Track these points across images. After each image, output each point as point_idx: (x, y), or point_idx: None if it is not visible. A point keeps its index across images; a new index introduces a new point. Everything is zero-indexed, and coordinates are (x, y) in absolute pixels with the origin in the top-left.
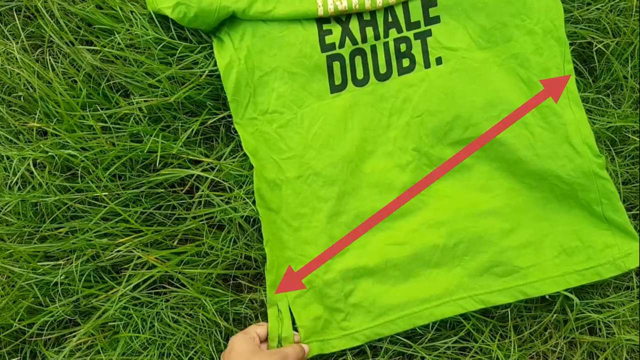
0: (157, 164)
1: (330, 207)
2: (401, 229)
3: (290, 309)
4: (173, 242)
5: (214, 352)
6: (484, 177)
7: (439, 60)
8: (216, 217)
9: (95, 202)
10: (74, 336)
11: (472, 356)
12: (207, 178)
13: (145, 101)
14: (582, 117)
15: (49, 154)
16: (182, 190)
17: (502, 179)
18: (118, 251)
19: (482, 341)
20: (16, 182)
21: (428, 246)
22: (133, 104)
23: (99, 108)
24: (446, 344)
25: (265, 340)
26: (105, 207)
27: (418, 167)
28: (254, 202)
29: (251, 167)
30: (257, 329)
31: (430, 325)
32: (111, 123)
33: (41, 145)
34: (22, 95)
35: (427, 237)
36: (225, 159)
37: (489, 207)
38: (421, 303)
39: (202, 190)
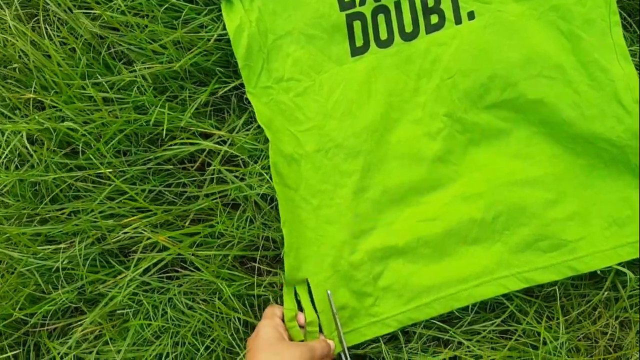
0: (164, 138)
1: (354, 182)
2: (433, 203)
3: (311, 294)
4: (184, 223)
5: (233, 339)
6: (524, 142)
7: (471, 15)
8: (230, 195)
9: (99, 179)
10: (80, 325)
11: (516, 339)
12: (218, 153)
13: (148, 68)
14: (631, 72)
15: (45, 126)
16: (192, 167)
17: (543, 144)
18: (125, 233)
19: (527, 323)
20: (12, 161)
21: (464, 221)
22: (136, 72)
23: (99, 77)
24: (487, 328)
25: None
26: (110, 185)
27: (450, 135)
28: (271, 178)
29: (266, 140)
30: (280, 314)
31: (470, 308)
32: (113, 93)
33: (36, 117)
34: (17, 67)
35: (463, 211)
36: (238, 132)
37: (529, 175)
38: (458, 283)
39: (214, 166)
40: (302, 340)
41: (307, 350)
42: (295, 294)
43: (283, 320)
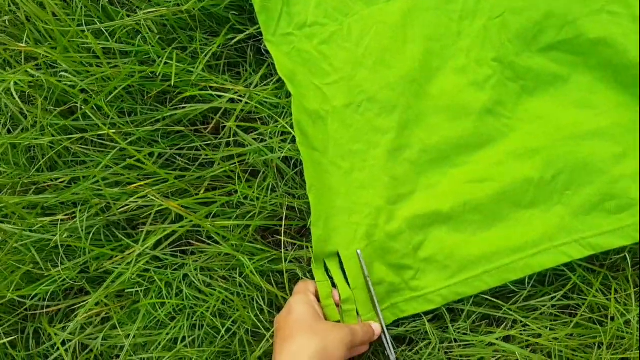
0: (173, 95)
1: (390, 140)
2: (482, 162)
3: (343, 268)
4: (198, 191)
5: (257, 320)
6: (585, 89)
7: None
8: (249, 159)
9: (102, 142)
10: (83, 307)
11: (580, 315)
12: (234, 112)
13: (152, 12)
14: None
15: (37, 78)
16: (205, 129)
17: (607, 91)
18: (133, 202)
19: (592, 296)
20: (4, 124)
21: (518, 181)
22: (139, 18)
23: (97, 23)
24: (545, 303)
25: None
26: (114, 148)
27: (500, 83)
28: (294, 139)
29: (288, 96)
30: (314, 290)
31: (526, 281)
32: (115, 43)
33: (28, 70)
34: (7, 18)
35: (517, 169)
36: (255, 88)
37: (593, 127)
38: (513, 253)
39: (229, 125)
40: (339, 321)
41: (350, 334)
42: (326, 270)
43: (317, 298)
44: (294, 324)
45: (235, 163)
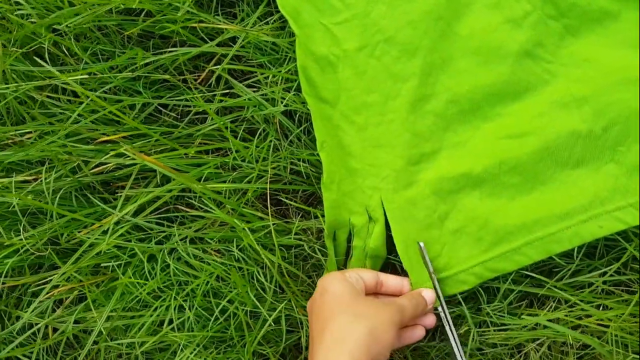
0: (158, 39)
1: (412, 89)
2: (520, 114)
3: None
4: (188, 152)
5: (257, 301)
6: (638, 27)
7: None
8: (246, 115)
9: (74, 92)
10: (49, 283)
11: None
12: (227, 56)
13: None
14: None
15: None
16: (196, 79)
17: None
18: (107, 161)
19: None
20: None
21: (563, 135)
22: None
23: None
24: (597, 279)
25: (371, 292)
26: (86, 98)
27: (540, 21)
28: (298, 89)
29: (292, 37)
30: (359, 272)
31: (574, 254)
32: None
33: None
34: None
35: (561, 122)
36: (253, 27)
37: None
38: (559, 220)
39: (219, 71)
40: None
41: (397, 310)
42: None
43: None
44: (331, 305)
45: (230, 118)
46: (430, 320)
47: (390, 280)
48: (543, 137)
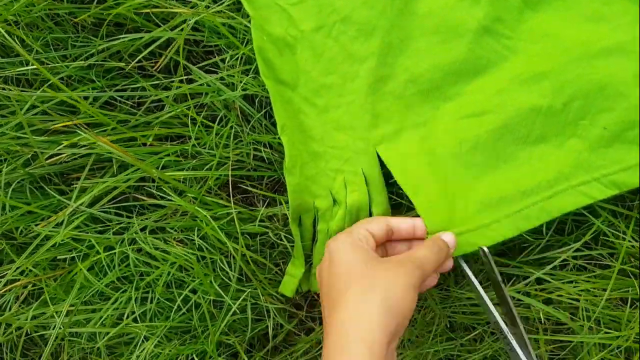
0: (112, 27)
1: (370, 69)
2: (479, 92)
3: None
4: (147, 141)
5: (221, 290)
6: (597, 0)
7: None
8: (205, 101)
9: (23, 79)
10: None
11: (608, 267)
12: (180, 41)
13: None
14: None
15: None
16: (153, 66)
17: (626, 1)
18: (62, 151)
19: (624, 245)
20: None
21: (523, 112)
22: None
23: None
24: (566, 254)
25: (383, 242)
26: (40, 87)
27: None
28: (257, 71)
29: (248, 18)
30: (367, 226)
31: (542, 230)
32: None
33: None
34: None
35: (521, 98)
36: (208, 9)
37: (609, 43)
38: (524, 196)
39: (166, 54)
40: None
41: (415, 268)
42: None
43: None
44: (341, 277)
45: (190, 106)
46: (447, 265)
47: (402, 225)
48: (502, 114)
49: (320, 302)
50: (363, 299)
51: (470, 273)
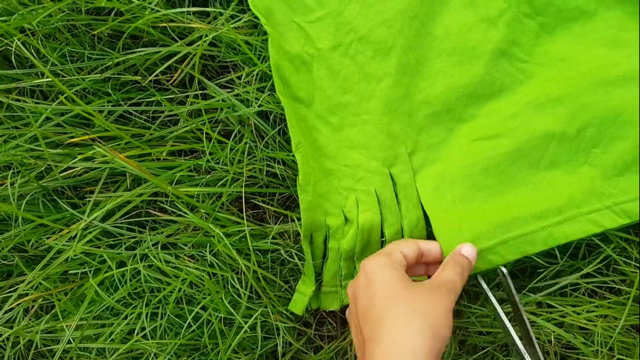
0: (129, 40)
1: (386, 89)
2: (494, 115)
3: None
4: (160, 155)
5: (232, 308)
6: (614, 26)
7: None
8: (220, 116)
9: (41, 93)
10: (15, 291)
11: (619, 293)
12: (197, 56)
13: None
14: None
15: None
16: (169, 80)
17: None
18: (75, 165)
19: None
20: None
21: (536, 137)
22: None
23: None
24: (573, 282)
25: (412, 264)
26: (56, 99)
27: (515, 19)
28: (273, 89)
29: (266, 35)
30: (402, 248)
31: (557, 254)
32: None
33: None
34: None
35: (535, 123)
36: (224, 26)
37: (624, 70)
38: (533, 220)
39: (183, 69)
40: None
41: (450, 292)
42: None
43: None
44: (382, 300)
45: (204, 121)
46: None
47: (432, 249)
48: (516, 138)
49: (348, 319)
50: (409, 323)
51: (490, 294)
